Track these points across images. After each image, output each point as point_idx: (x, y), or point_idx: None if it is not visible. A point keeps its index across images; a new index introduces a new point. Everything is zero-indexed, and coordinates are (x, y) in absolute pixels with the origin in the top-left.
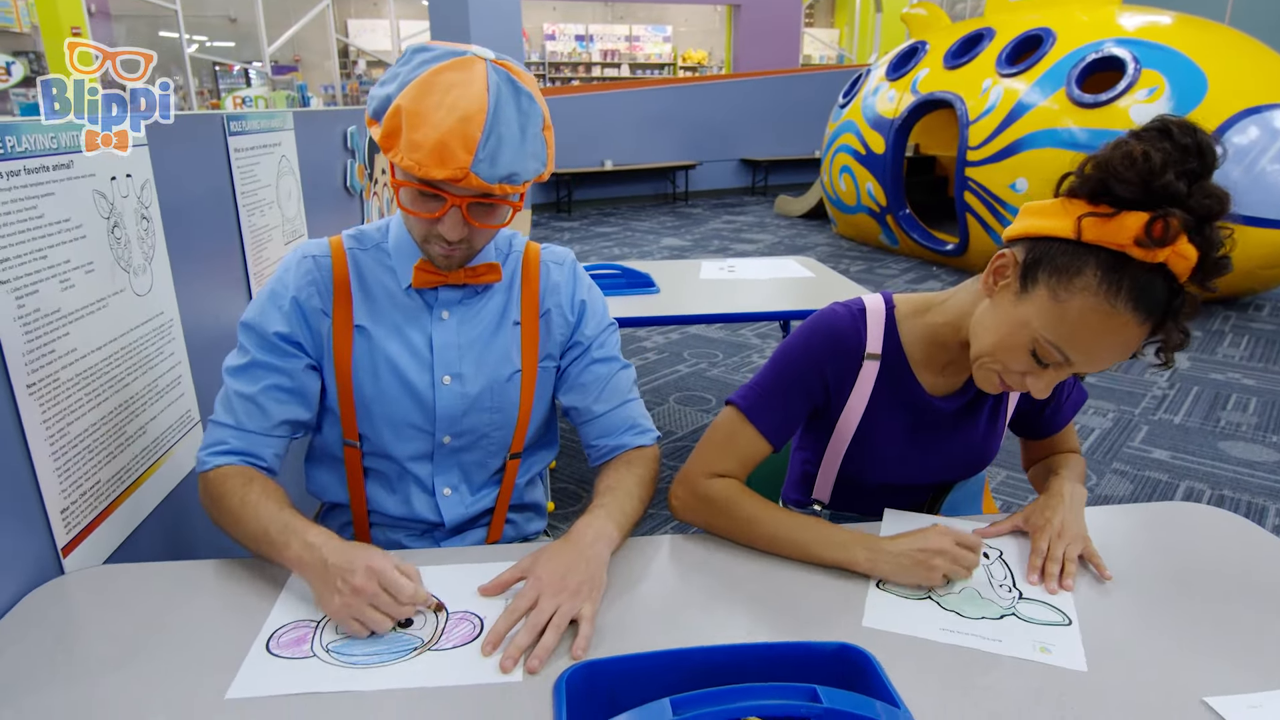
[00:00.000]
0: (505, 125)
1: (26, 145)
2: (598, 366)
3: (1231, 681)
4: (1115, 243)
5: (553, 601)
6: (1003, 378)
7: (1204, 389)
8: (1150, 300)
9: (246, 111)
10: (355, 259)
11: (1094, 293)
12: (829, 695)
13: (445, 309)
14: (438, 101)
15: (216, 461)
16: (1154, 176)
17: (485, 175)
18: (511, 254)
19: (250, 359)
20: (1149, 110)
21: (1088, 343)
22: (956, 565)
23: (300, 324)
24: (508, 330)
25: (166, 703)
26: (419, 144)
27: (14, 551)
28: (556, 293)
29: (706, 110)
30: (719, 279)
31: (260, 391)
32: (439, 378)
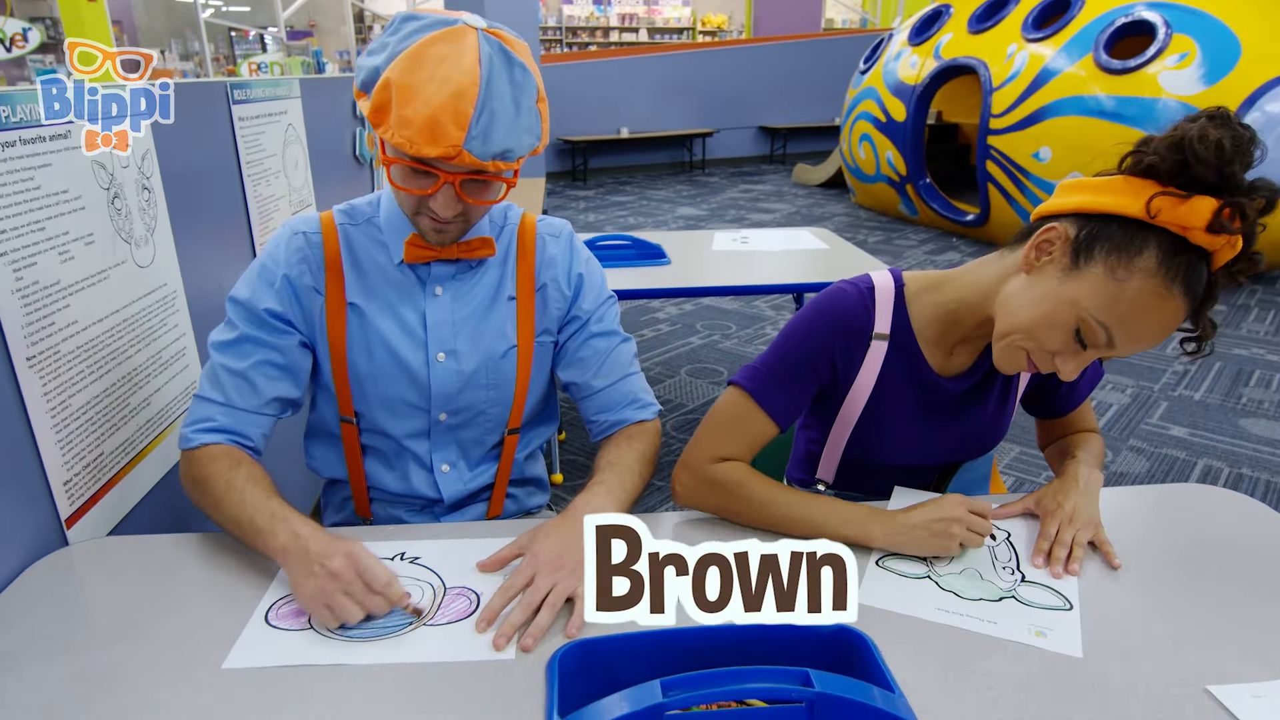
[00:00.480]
0: (498, 99)
1: (22, 115)
2: (596, 341)
3: (1237, 670)
4: (1184, 225)
5: (548, 579)
6: (1031, 357)
7: (1226, 365)
8: (1197, 285)
9: (251, 80)
10: (346, 234)
11: (1154, 274)
12: (821, 679)
13: (439, 285)
14: (428, 75)
15: (202, 439)
16: (1226, 163)
17: (478, 152)
18: (507, 226)
19: (240, 334)
20: (1179, 77)
21: (1137, 324)
22: (972, 532)
23: (292, 301)
24: (502, 305)
25: (165, 672)
26: (409, 120)
27: (16, 523)
28: (553, 266)
29: (725, 76)
30: (732, 250)
31: (251, 367)
32: (433, 355)
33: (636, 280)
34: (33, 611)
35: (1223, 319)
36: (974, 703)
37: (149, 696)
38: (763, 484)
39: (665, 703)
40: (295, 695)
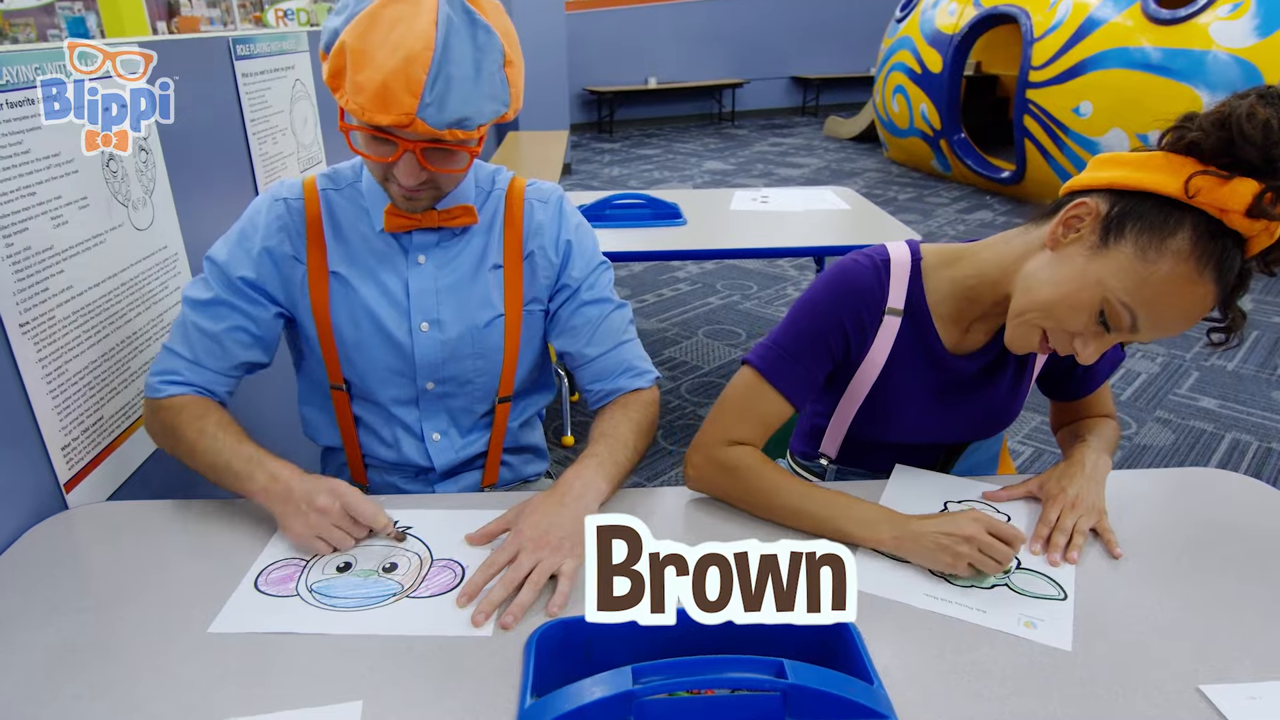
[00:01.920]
0: (456, 64)
1: (8, 78)
2: (588, 309)
3: (1234, 669)
4: (1223, 207)
5: (532, 557)
6: (1048, 337)
7: (1264, 333)
8: (1229, 273)
9: (254, 33)
10: (329, 201)
11: (1185, 257)
12: (795, 670)
13: (421, 253)
14: (382, 39)
15: (169, 390)
16: (1274, 145)
17: (433, 121)
18: (494, 192)
19: (214, 296)
20: (1231, 28)
21: (1164, 308)
22: (985, 556)
23: (270, 271)
24: (487, 274)
25: (154, 635)
26: (362, 86)
27: (14, 486)
28: (540, 234)
29: (757, 24)
30: (751, 210)
31: (223, 332)
32: (416, 324)
33: (652, 241)
34: (30, 574)
35: (1264, 286)
36: (957, 695)
37: (137, 659)
38: (774, 472)
39: (636, 690)
40: (278, 661)
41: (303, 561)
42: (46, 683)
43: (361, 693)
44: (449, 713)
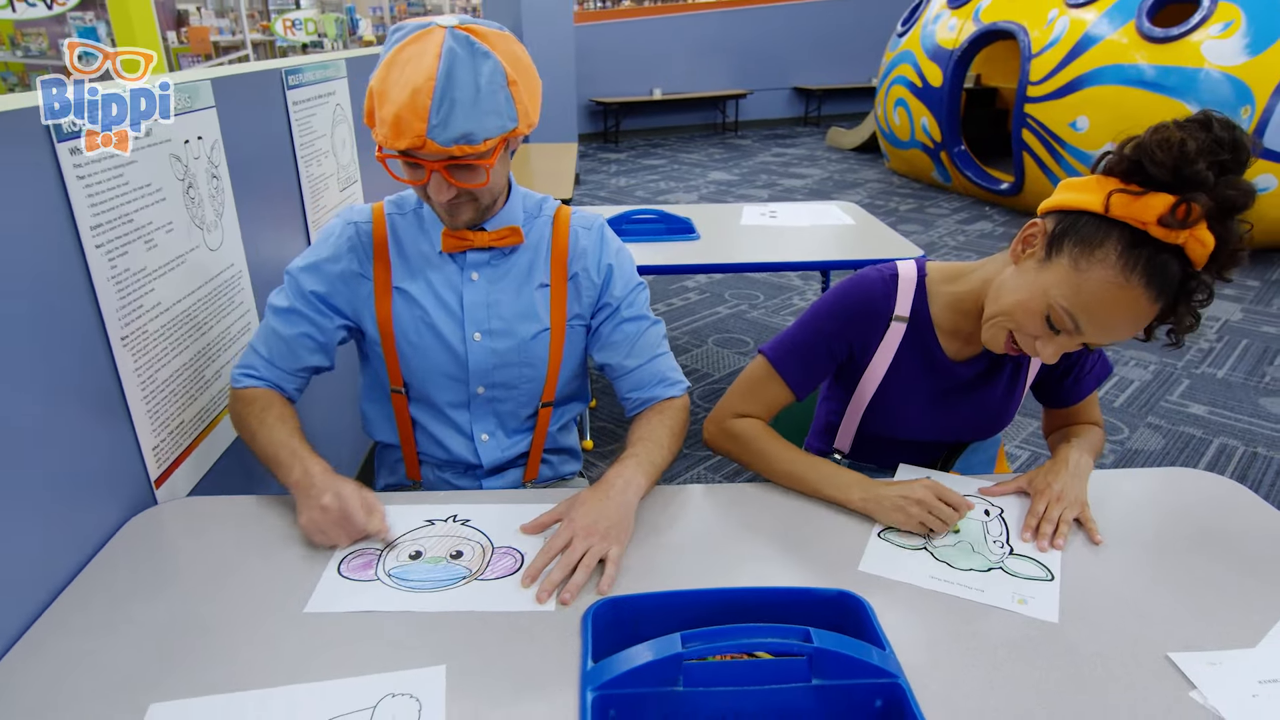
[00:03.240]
0: (458, 89)
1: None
2: (627, 325)
3: (1198, 640)
4: (1139, 220)
5: (584, 543)
6: (1014, 338)
7: (1253, 342)
8: (1163, 280)
9: (303, 63)
10: (394, 225)
11: (1112, 265)
12: (819, 636)
13: (474, 270)
14: (396, 78)
15: (246, 382)
16: (1186, 163)
17: (440, 139)
18: (540, 218)
19: (290, 305)
20: (1222, 47)
21: (1099, 313)
22: (931, 516)
23: (339, 287)
24: (534, 291)
25: (254, 615)
26: (384, 120)
27: (116, 482)
28: (584, 257)
29: (760, 35)
30: (760, 225)
31: (294, 337)
32: (469, 334)
33: (666, 256)
34: (134, 560)
35: (1254, 296)
36: (959, 661)
37: (241, 633)
38: (771, 440)
39: (684, 652)
40: (368, 634)
41: (378, 550)
42: (160, 652)
43: (443, 659)
44: (521, 674)
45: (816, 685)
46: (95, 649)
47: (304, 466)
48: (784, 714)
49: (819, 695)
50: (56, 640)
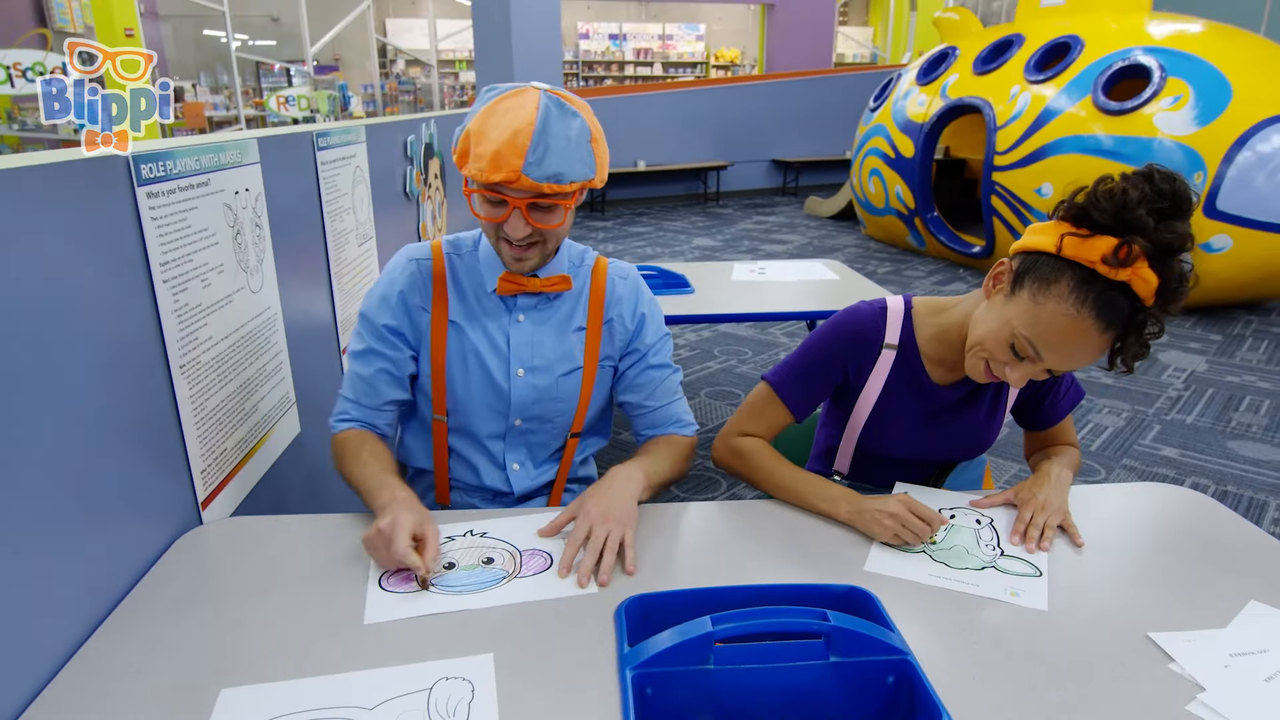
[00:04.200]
0: (552, 136)
1: (181, 167)
2: (652, 371)
3: (1174, 622)
4: (1087, 259)
5: (603, 529)
6: (989, 365)
7: (1219, 390)
8: (1112, 312)
9: (330, 127)
10: (452, 264)
11: (1065, 299)
12: (835, 617)
13: (522, 313)
14: (496, 122)
15: (342, 426)
16: (1127, 210)
17: (534, 175)
18: (583, 267)
19: (366, 346)
20: (1173, 118)
21: (1056, 341)
22: (904, 529)
23: (405, 317)
24: (571, 334)
25: (316, 627)
26: (481, 155)
27: (170, 502)
28: (620, 304)
29: (738, 111)
30: (750, 280)
31: (373, 375)
32: (514, 370)
33: (664, 308)
34: (190, 574)
35: (1217, 349)
36: (959, 646)
37: (301, 636)
38: (771, 457)
39: (714, 632)
40: (419, 632)
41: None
42: (224, 649)
43: (490, 649)
44: (562, 661)
45: (834, 663)
46: (165, 641)
47: (390, 492)
48: (804, 690)
49: (836, 672)
50: (118, 645)
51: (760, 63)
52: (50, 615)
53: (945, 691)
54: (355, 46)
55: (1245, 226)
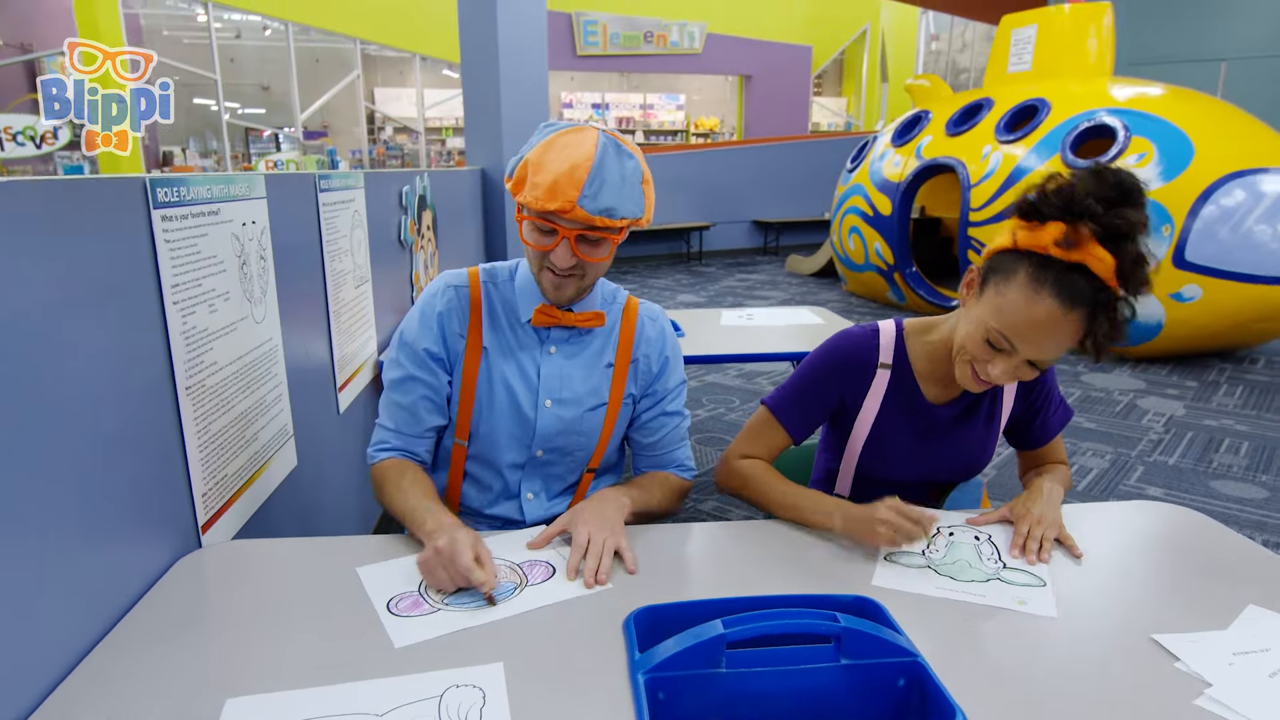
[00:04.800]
0: (608, 173)
1: (194, 194)
2: (666, 417)
3: (1176, 625)
4: (1040, 245)
5: (600, 535)
6: (974, 368)
7: (1198, 434)
8: (1072, 292)
9: (331, 172)
10: (488, 292)
11: (1024, 286)
12: (845, 619)
13: (553, 345)
14: (555, 155)
15: (381, 456)
16: (1074, 200)
17: (588, 208)
18: (615, 305)
19: (406, 374)
20: (1139, 174)
21: (1024, 328)
22: (896, 533)
23: (441, 341)
24: (601, 370)
25: (321, 642)
26: (538, 184)
27: (171, 523)
28: (648, 345)
29: (719, 174)
30: (739, 325)
31: (413, 402)
32: (541, 401)
33: None
34: (192, 595)
35: (1193, 394)
36: (969, 651)
37: (314, 660)
38: (769, 476)
39: (725, 634)
40: (439, 649)
41: (414, 592)
42: (229, 660)
43: (500, 658)
44: (574, 667)
45: (845, 665)
46: (167, 657)
47: (436, 519)
48: (815, 693)
49: (847, 675)
50: (119, 660)
51: (739, 130)
52: (50, 629)
53: (956, 694)
54: (344, 114)
55: (1214, 276)
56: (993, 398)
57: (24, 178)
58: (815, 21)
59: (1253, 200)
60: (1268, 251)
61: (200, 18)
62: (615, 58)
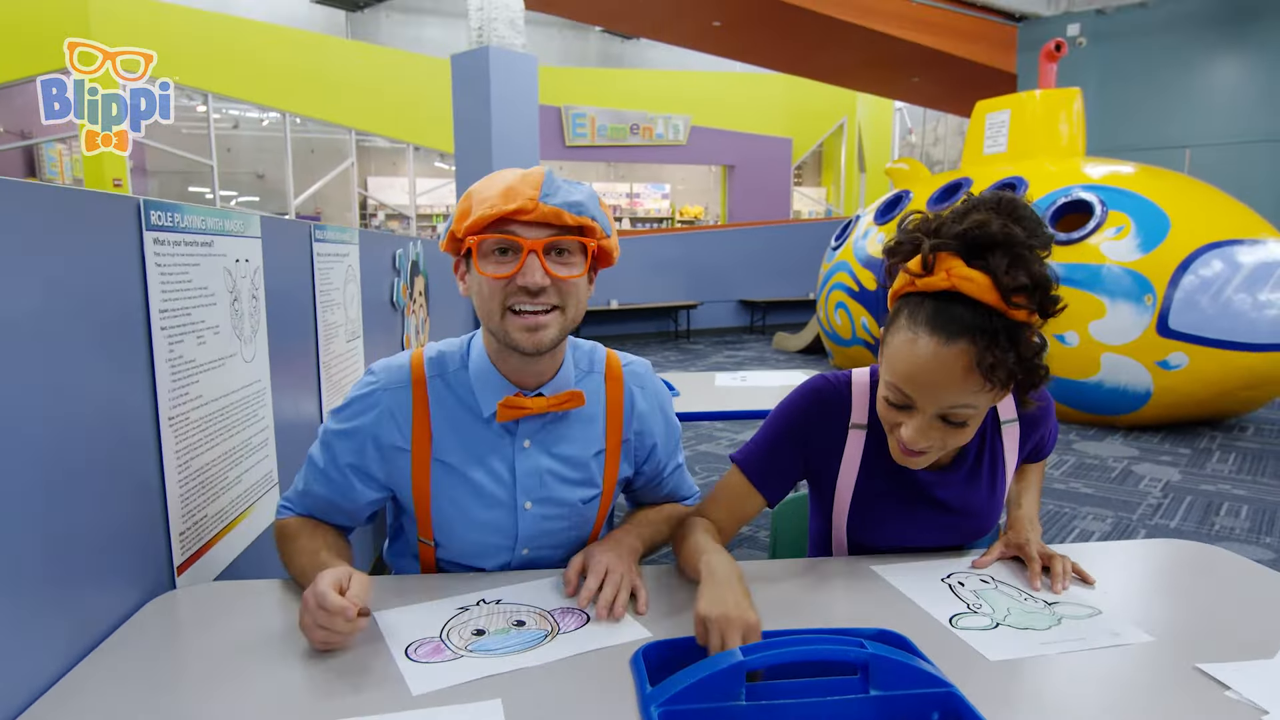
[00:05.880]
0: (561, 182)
1: (188, 223)
2: (669, 477)
3: (1218, 656)
4: (907, 284)
5: (617, 572)
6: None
7: (1196, 498)
8: (949, 322)
9: (326, 225)
10: (436, 390)
11: (901, 328)
12: (873, 646)
13: (527, 438)
14: (500, 176)
15: (286, 513)
16: (927, 223)
17: (553, 203)
18: (593, 374)
19: (324, 468)
20: (1118, 246)
21: (912, 374)
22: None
23: (375, 457)
24: (591, 459)
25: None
26: (487, 196)
27: (145, 561)
28: (641, 420)
29: (706, 256)
30: (732, 386)
31: (328, 500)
32: (521, 503)
33: None
34: (161, 635)
35: (1187, 460)
36: (1010, 685)
37: (300, 699)
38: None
39: (745, 661)
40: (458, 686)
41: (436, 637)
42: (200, 710)
43: (499, 694)
44: (578, 705)
45: (874, 697)
46: (129, 700)
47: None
48: None
49: (876, 707)
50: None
51: (723, 218)
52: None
53: None
54: (337, 201)
55: (1198, 344)
56: (993, 459)
57: (14, 179)
58: (795, 115)
59: (1230, 270)
60: (1249, 320)
61: (200, 108)
62: (603, 148)
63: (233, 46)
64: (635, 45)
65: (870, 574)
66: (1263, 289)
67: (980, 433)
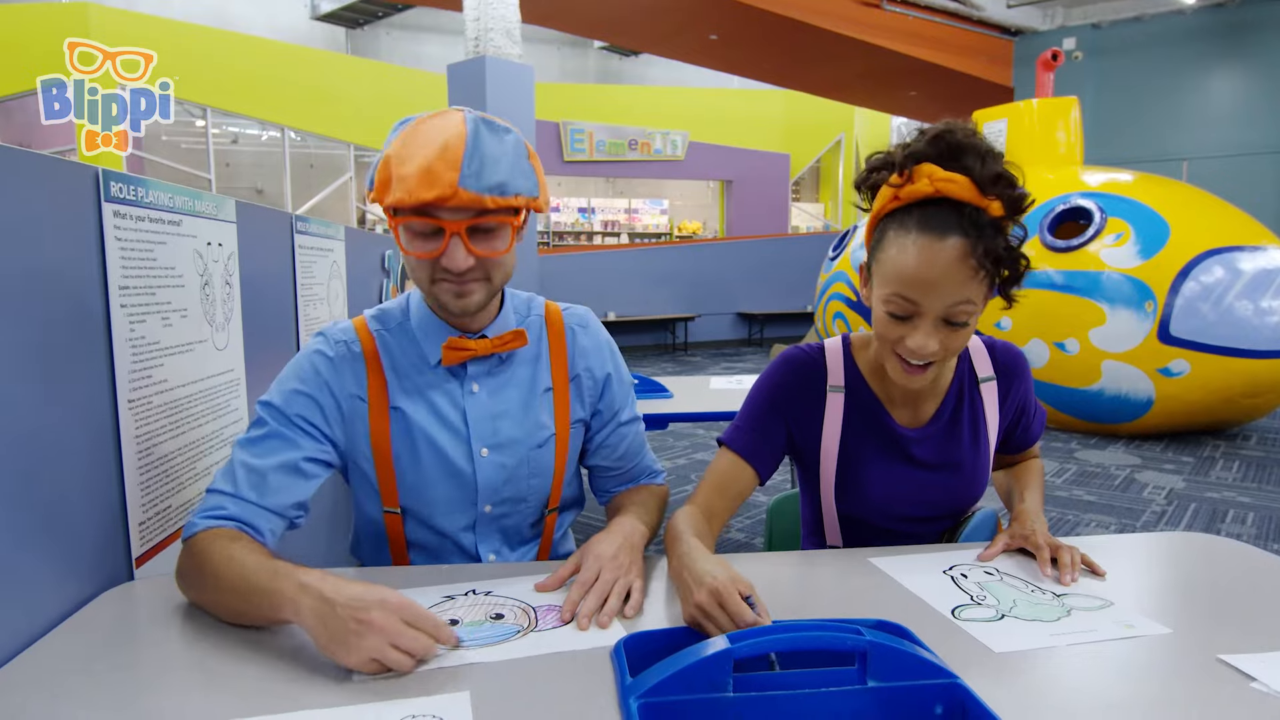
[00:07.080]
0: (486, 148)
1: (153, 199)
2: (624, 428)
3: (1239, 647)
4: (887, 199)
5: (612, 573)
6: (897, 354)
7: (1201, 505)
8: (940, 221)
9: (309, 217)
10: (383, 340)
11: (891, 241)
12: (871, 634)
13: (475, 382)
14: (421, 140)
15: (206, 524)
16: (896, 150)
17: (474, 188)
18: (532, 316)
19: (268, 430)
20: (1117, 253)
21: (910, 275)
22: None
23: (332, 408)
24: (539, 397)
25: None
26: (406, 176)
27: (98, 551)
28: (586, 357)
29: (704, 268)
30: (727, 388)
31: (271, 468)
32: (476, 450)
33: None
34: (119, 624)
35: (1190, 469)
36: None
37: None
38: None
39: (732, 649)
40: (422, 677)
41: None
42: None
43: (466, 687)
44: (553, 698)
45: (872, 688)
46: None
47: (296, 581)
48: None
49: (874, 699)
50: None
51: (721, 232)
52: None
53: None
54: (334, 214)
55: (1200, 351)
56: (974, 415)
57: None
58: (792, 131)
59: (1231, 277)
60: (1250, 326)
61: (199, 123)
62: (601, 164)
63: (233, 62)
64: (633, 62)
65: (868, 566)
66: (1264, 295)
67: (957, 389)
